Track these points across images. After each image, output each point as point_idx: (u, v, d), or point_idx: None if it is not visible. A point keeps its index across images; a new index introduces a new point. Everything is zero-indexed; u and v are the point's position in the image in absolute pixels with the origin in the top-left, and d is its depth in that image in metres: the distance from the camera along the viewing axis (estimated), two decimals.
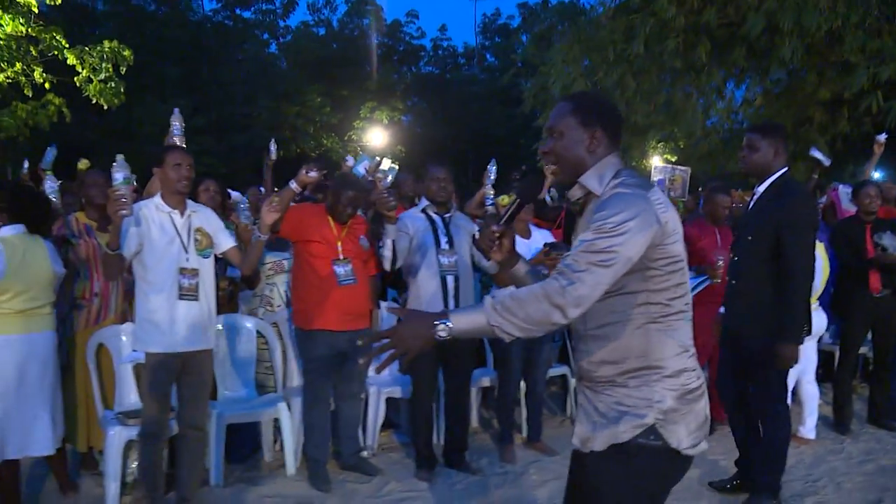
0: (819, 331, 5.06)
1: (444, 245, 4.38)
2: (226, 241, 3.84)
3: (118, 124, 21.93)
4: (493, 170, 4.88)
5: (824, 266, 4.95)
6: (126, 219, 3.31)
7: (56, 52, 10.19)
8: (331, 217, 4.28)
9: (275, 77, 30.03)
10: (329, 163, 26.84)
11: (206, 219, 3.78)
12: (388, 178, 5.41)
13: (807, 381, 5.09)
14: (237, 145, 27.24)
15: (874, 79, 8.88)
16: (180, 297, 3.55)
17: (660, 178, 5.91)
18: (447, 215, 4.49)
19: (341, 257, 4.24)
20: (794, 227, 3.65)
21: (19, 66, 10.10)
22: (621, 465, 1.97)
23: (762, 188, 3.82)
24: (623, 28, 10.72)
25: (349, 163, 6.03)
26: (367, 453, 4.73)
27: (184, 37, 27.77)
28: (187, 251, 3.61)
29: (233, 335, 4.60)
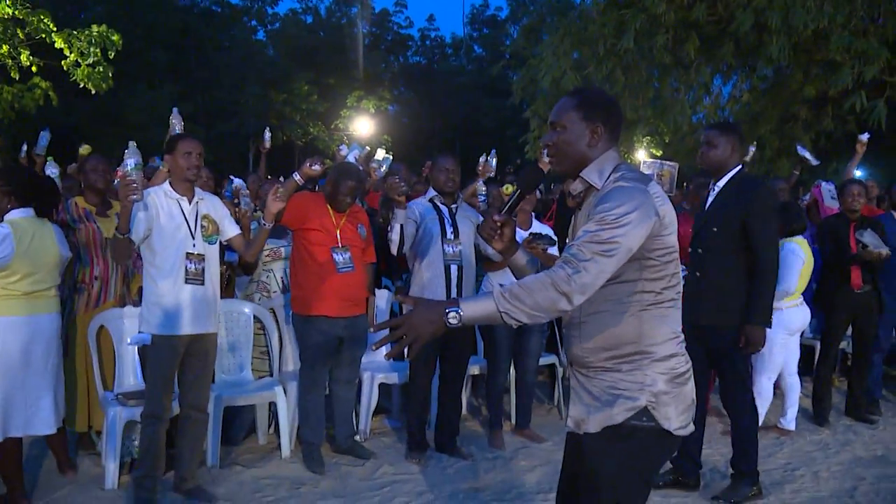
0: (804, 325, 5.20)
1: (449, 235, 4.48)
2: (231, 229, 3.93)
3: (105, 109, 21.80)
4: (493, 162, 4.93)
5: (811, 263, 5.08)
6: (136, 203, 3.38)
7: (44, 35, 10.14)
8: (330, 206, 4.36)
9: (262, 64, 29.95)
10: (316, 150, 26.78)
11: (212, 206, 3.87)
12: (382, 167, 5.49)
13: (788, 374, 5.23)
14: (224, 132, 27.16)
15: (859, 78, 9.05)
16: (186, 281, 3.64)
17: (648, 172, 6.00)
18: (454, 206, 4.60)
19: (340, 245, 4.33)
20: (759, 216, 3.82)
21: (6, 48, 10.07)
22: (616, 446, 2.07)
23: (722, 183, 3.97)
24: (613, 23, 10.82)
25: (343, 152, 6.09)
26: (359, 437, 4.83)
27: (171, 22, 27.58)
28: (194, 237, 3.69)
29: (230, 320, 4.67)
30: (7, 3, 9.57)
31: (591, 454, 2.13)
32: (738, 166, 3.96)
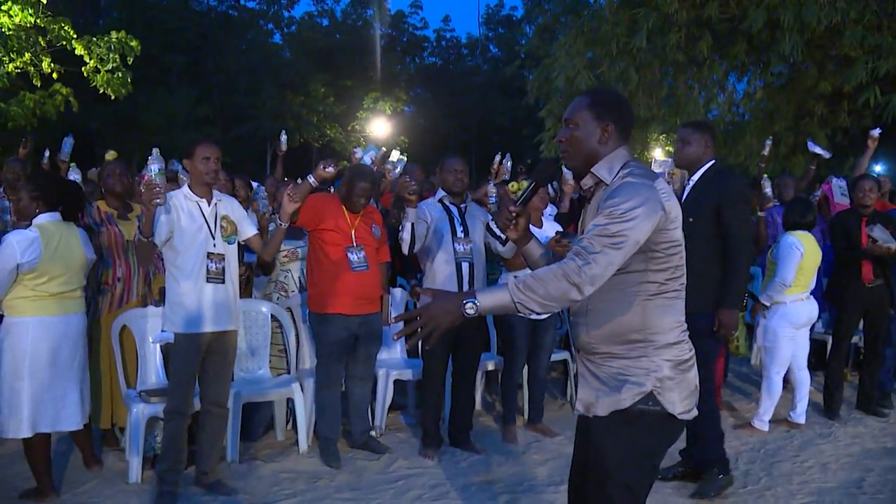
0: (811, 320, 5.24)
1: (459, 233, 4.58)
2: (249, 229, 4.04)
3: (123, 114, 22.08)
4: (507, 165, 5.01)
5: (816, 257, 5.12)
6: (158, 207, 3.51)
7: (64, 43, 10.32)
8: (345, 206, 4.47)
9: (279, 67, 30.12)
10: (333, 152, 26.92)
11: (231, 207, 3.98)
12: (396, 169, 5.60)
13: (798, 368, 5.27)
14: (242, 135, 27.36)
15: (873, 73, 9.05)
16: (207, 280, 3.75)
17: (659, 171, 6.06)
18: (462, 205, 4.70)
19: (354, 244, 4.43)
20: (732, 202, 3.94)
21: (28, 56, 10.23)
22: (623, 429, 2.17)
23: (695, 178, 4.09)
24: (626, 22, 10.87)
25: (357, 154, 6.19)
26: (375, 433, 4.93)
27: (189, 27, 27.84)
28: (214, 237, 3.80)
29: (249, 319, 4.79)
30: (29, 11, 9.76)
31: (600, 437, 2.22)
32: (711, 161, 4.08)
